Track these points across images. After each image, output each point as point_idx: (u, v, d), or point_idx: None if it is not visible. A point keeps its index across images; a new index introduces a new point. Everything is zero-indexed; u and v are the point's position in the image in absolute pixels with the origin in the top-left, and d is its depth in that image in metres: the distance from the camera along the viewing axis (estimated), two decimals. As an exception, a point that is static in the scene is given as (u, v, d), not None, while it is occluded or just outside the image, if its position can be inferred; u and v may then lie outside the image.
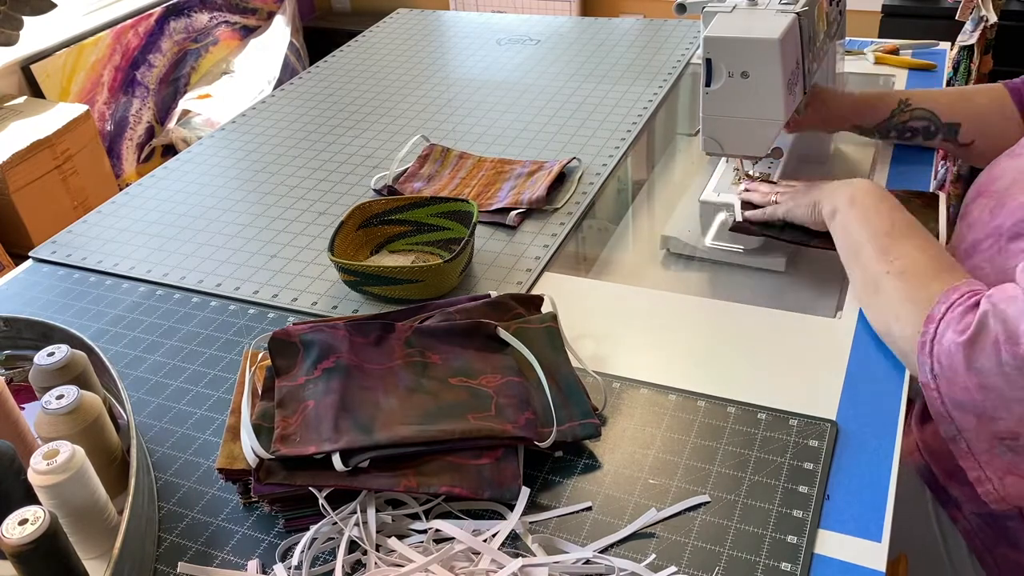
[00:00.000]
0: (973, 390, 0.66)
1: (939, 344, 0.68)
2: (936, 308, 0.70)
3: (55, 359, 0.70)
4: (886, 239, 0.80)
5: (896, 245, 0.79)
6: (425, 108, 1.37)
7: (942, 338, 0.68)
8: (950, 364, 0.67)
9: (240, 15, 3.39)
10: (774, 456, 0.69)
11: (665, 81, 1.39)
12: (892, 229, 0.81)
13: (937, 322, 0.69)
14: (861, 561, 0.60)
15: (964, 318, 0.68)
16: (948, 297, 0.70)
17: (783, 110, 0.89)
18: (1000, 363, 0.64)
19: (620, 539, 0.63)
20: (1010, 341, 0.64)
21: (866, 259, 0.80)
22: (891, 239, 0.80)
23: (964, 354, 0.66)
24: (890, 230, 0.81)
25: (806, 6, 0.93)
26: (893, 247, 0.79)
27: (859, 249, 0.82)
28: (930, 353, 0.69)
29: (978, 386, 0.66)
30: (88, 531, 0.63)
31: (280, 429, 0.67)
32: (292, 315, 0.92)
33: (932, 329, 0.70)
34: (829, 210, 0.88)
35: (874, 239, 0.81)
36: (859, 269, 0.82)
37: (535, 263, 0.96)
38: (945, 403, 0.68)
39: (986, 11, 1.94)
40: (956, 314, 0.68)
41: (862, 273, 0.81)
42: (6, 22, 0.88)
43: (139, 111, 2.97)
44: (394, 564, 0.61)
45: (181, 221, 1.11)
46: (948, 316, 0.69)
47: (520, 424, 0.68)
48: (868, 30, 2.69)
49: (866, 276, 0.80)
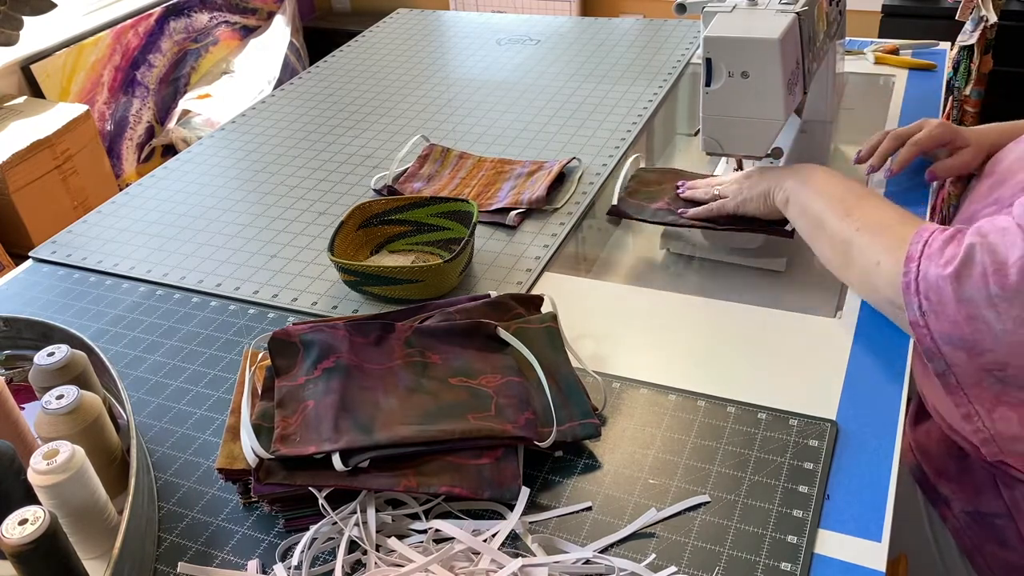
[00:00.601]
0: (962, 322, 0.66)
1: (924, 280, 0.69)
2: (912, 247, 0.71)
3: (55, 359, 0.70)
4: (845, 204, 0.81)
5: (857, 206, 0.80)
6: (425, 108, 1.37)
7: (926, 274, 0.69)
8: (938, 298, 0.67)
9: (240, 15, 3.39)
10: (774, 456, 0.69)
11: (665, 81, 1.39)
12: (848, 195, 0.82)
13: (918, 259, 0.70)
14: (861, 561, 0.60)
15: (945, 250, 0.68)
16: (921, 236, 0.71)
17: (783, 110, 0.89)
18: (989, 295, 0.65)
19: (620, 539, 0.63)
20: (998, 272, 0.64)
21: (831, 227, 0.81)
22: (850, 203, 0.81)
23: (952, 287, 0.66)
24: (846, 196, 0.82)
25: (806, 6, 0.93)
26: (854, 209, 0.80)
27: (821, 221, 0.83)
28: (916, 291, 0.69)
29: (967, 317, 0.66)
30: (88, 531, 0.63)
31: (280, 429, 0.67)
32: (292, 315, 0.92)
33: (914, 268, 0.70)
34: (782, 197, 0.89)
35: (833, 207, 0.82)
36: (826, 239, 0.83)
37: (535, 263, 0.96)
38: (935, 338, 0.69)
39: (986, 11, 1.94)
40: (935, 248, 0.69)
41: (830, 241, 0.82)
42: (6, 22, 0.88)
43: (139, 111, 2.97)
44: (394, 564, 0.61)
45: (181, 221, 1.11)
46: (927, 251, 0.70)
47: (520, 424, 0.68)
48: (868, 30, 2.69)
49: (835, 242, 0.81)
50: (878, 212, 0.79)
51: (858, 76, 1.37)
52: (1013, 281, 0.64)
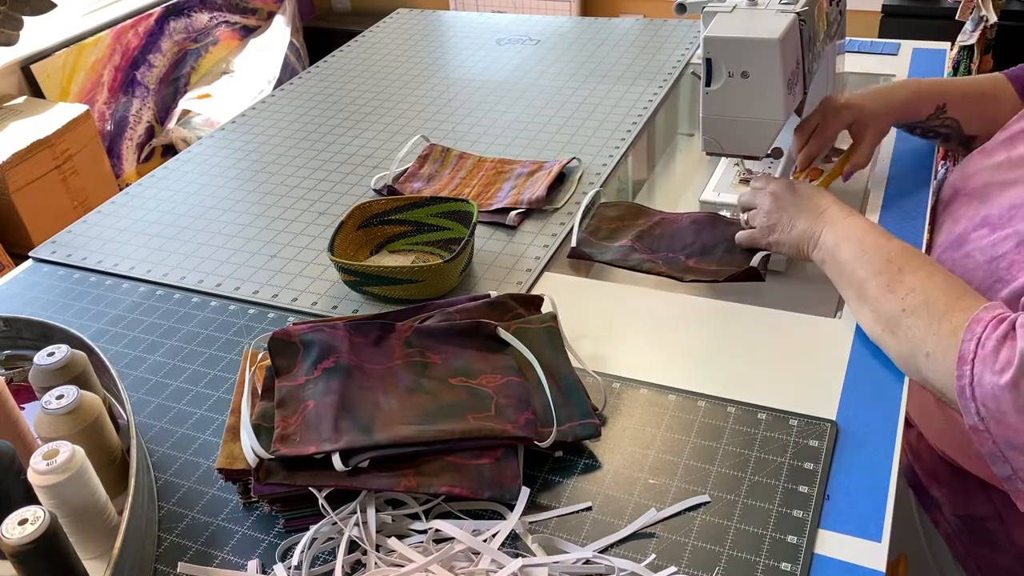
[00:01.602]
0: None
1: (980, 387, 0.65)
2: (965, 347, 0.67)
3: (55, 359, 0.70)
4: (888, 276, 0.76)
5: (902, 279, 0.75)
6: (425, 108, 1.37)
7: (981, 380, 0.65)
8: (997, 407, 0.64)
9: (240, 15, 3.39)
10: (774, 456, 0.69)
11: (665, 81, 1.39)
12: (890, 264, 0.77)
13: (971, 363, 0.66)
14: (861, 561, 0.60)
15: (999, 354, 0.65)
16: (973, 332, 0.67)
17: (783, 110, 0.89)
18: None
19: (620, 539, 0.63)
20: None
21: (873, 301, 0.77)
22: (893, 275, 0.76)
23: (1011, 396, 0.63)
24: (888, 266, 0.77)
25: (806, 6, 0.93)
26: (899, 282, 0.75)
27: (862, 289, 0.78)
28: (972, 397, 0.66)
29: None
30: (88, 531, 0.63)
31: (280, 429, 0.67)
32: (292, 315, 0.92)
33: (968, 371, 0.66)
34: (819, 257, 0.85)
35: (876, 275, 0.77)
36: (868, 310, 0.78)
37: (535, 263, 0.96)
38: (998, 444, 0.65)
39: (986, 11, 1.94)
40: (989, 350, 0.65)
41: (873, 314, 0.77)
42: (6, 22, 0.88)
43: (139, 111, 2.97)
44: (394, 564, 0.61)
45: (181, 221, 1.11)
46: (980, 354, 0.66)
47: (520, 424, 0.68)
48: (868, 30, 2.69)
49: (879, 316, 0.76)
50: (924, 287, 0.73)
51: (858, 76, 1.37)
52: None
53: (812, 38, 0.97)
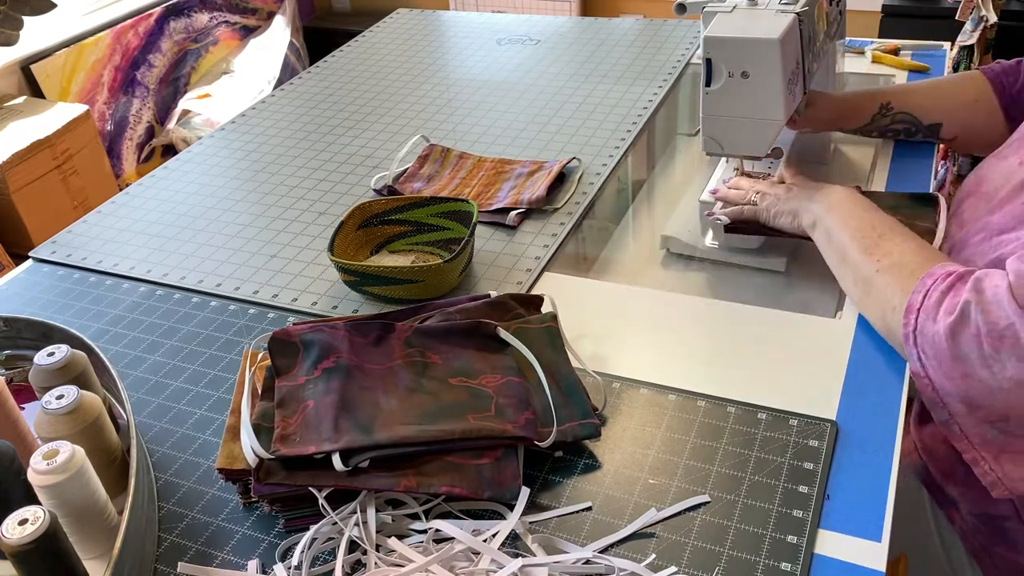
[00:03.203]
0: (958, 378, 0.67)
1: (922, 335, 0.70)
2: (914, 297, 0.71)
3: (55, 359, 0.70)
4: (869, 239, 0.81)
5: (880, 243, 0.80)
6: (425, 108, 1.37)
7: (923, 328, 0.70)
8: (935, 354, 0.68)
9: (240, 15, 3.39)
10: (774, 456, 0.69)
11: (665, 81, 1.39)
12: (873, 229, 0.82)
13: (916, 312, 0.71)
14: (861, 561, 0.60)
15: (942, 304, 0.69)
16: (924, 284, 0.71)
17: (783, 110, 0.89)
18: (983, 355, 0.65)
19: (620, 539, 0.63)
20: (991, 335, 0.65)
21: (853, 260, 0.81)
22: (874, 239, 0.81)
23: (947, 344, 0.67)
24: (871, 231, 0.82)
25: (806, 6, 0.93)
26: (878, 245, 0.80)
27: (844, 253, 0.83)
28: (915, 344, 0.70)
29: (963, 375, 0.67)
30: (88, 531, 0.63)
31: (280, 429, 0.67)
32: (292, 315, 0.92)
33: (912, 320, 0.71)
34: (809, 221, 0.89)
35: (858, 240, 0.82)
36: (848, 271, 0.83)
37: (535, 263, 0.96)
38: (936, 390, 0.70)
39: (986, 11, 1.94)
40: (932, 301, 0.70)
41: (852, 274, 0.82)
42: (6, 22, 0.88)
43: (139, 111, 2.97)
44: (394, 564, 0.61)
45: (181, 221, 1.11)
46: (925, 304, 0.70)
47: (520, 424, 0.68)
48: (868, 30, 2.69)
49: (856, 276, 0.81)
50: (900, 251, 0.78)
51: (858, 76, 1.37)
52: (1008, 344, 0.64)
53: (812, 38, 0.97)
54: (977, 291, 0.67)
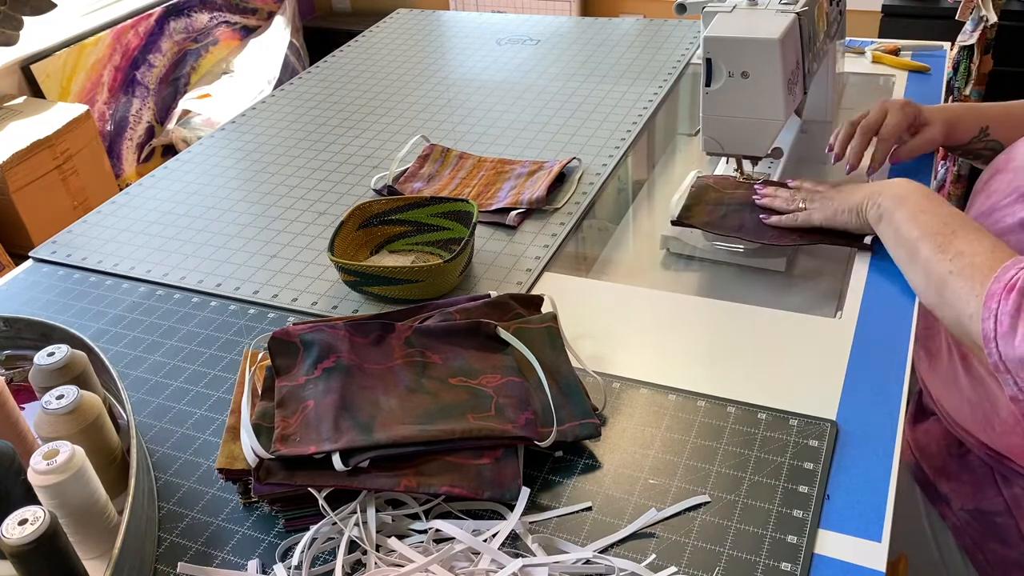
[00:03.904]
0: None
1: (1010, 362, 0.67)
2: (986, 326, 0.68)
3: (55, 359, 0.70)
4: (942, 236, 0.78)
5: (953, 242, 0.77)
6: (425, 108, 1.37)
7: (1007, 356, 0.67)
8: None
9: (240, 15, 3.39)
10: (774, 456, 0.69)
11: (665, 81, 1.39)
12: (946, 226, 0.79)
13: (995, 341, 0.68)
14: (861, 561, 0.60)
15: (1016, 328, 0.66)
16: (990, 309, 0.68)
17: (783, 110, 0.89)
18: None
19: (620, 539, 0.63)
20: None
21: (924, 260, 0.78)
22: (947, 235, 0.78)
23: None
24: (943, 227, 0.79)
25: (806, 6, 0.93)
26: (950, 244, 0.77)
27: (915, 250, 0.80)
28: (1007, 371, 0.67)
29: None
30: (88, 531, 0.63)
31: (280, 429, 0.67)
32: (292, 315, 0.92)
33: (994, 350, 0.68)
34: (875, 214, 0.86)
35: (930, 236, 0.79)
36: (920, 271, 0.80)
37: (535, 263, 0.96)
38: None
39: (986, 11, 1.94)
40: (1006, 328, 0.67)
41: (924, 274, 0.79)
42: (6, 22, 0.88)
43: (139, 111, 2.97)
44: (394, 564, 0.61)
45: (181, 221, 1.11)
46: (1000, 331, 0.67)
47: (520, 424, 0.68)
48: (868, 30, 2.69)
49: (928, 277, 0.78)
50: (972, 250, 0.75)
51: (858, 76, 1.37)
52: None
53: (812, 38, 0.98)
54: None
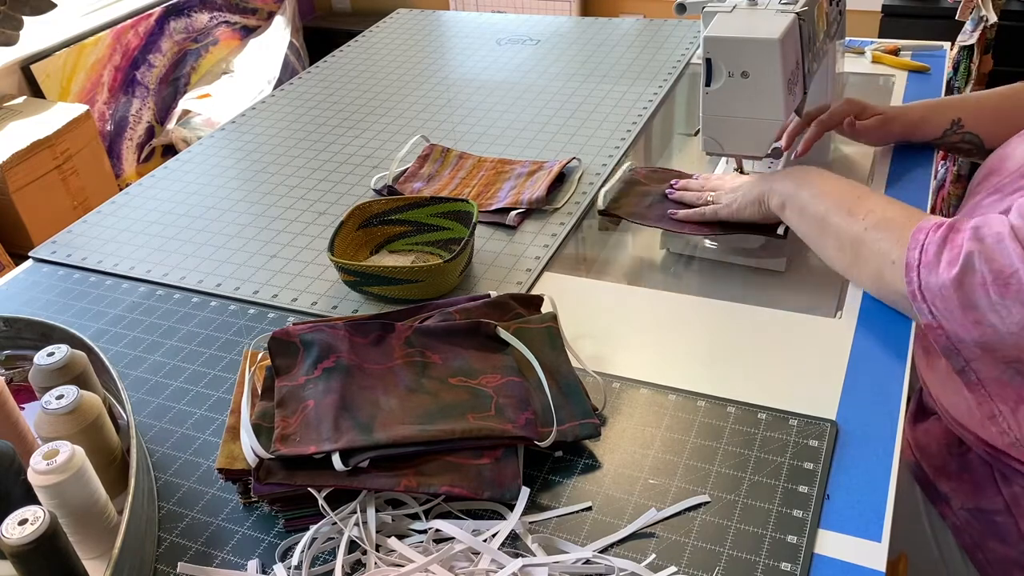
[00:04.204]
0: (971, 326, 0.69)
1: (928, 289, 0.71)
2: (910, 255, 0.73)
3: (55, 359, 0.70)
4: (849, 201, 0.82)
5: (861, 204, 0.81)
6: (425, 108, 1.37)
7: (928, 283, 0.71)
8: (945, 305, 0.70)
9: (240, 15, 3.39)
10: (774, 456, 0.69)
11: (665, 81, 1.39)
12: (847, 193, 0.83)
13: (916, 268, 0.72)
14: (861, 561, 0.60)
15: (941, 256, 0.70)
16: (916, 241, 0.73)
17: (783, 110, 0.89)
18: (991, 302, 0.67)
19: (620, 539, 0.63)
20: (997, 282, 0.67)
21: (836, 227, 0.82)
22: (852, 202, 0.81)
23: (956, 294, 0.69)
24: (849, 194, 0.83)
25: (806, 6, 0.93)
26: (858, 207, 0.81)
27: (824, 221, 0.83)
28: (923, 299, 0.72)
29: (975, 322, 0.69)
30: (88, 531, 0.63)
31: (280, 429, 0.67)
32: (292, 315, 0.92)
33: (915, 277, 0.72)
34: (777, 202, 0.89)
35: (837, 206, 0.82)
36: (832, 239, 0.83)
37: (535, 263, 0.96)
38: (950, 339, 0.72)
39: (986, 11, 1.94)
40: (931, 255, 0.71)
41: (836, 240, 0.82)
42: (6, 22, 0.88)
43: (139, 111, 2.97)
44: (394, 564, 0.61)
45: (181, 221, 1.11)
46: (924, 260, 0.72)
47: (520, 424, 0.68)
48: (868, 30, 2.69)
49: (842, 242, 0.81)
50: (882, 208, 0.79)
51: (858, 76, 1.37)
52: (1013, 290, 0.66)
53: (812, 38, 0.97)
54: (978, 239, 0.68)
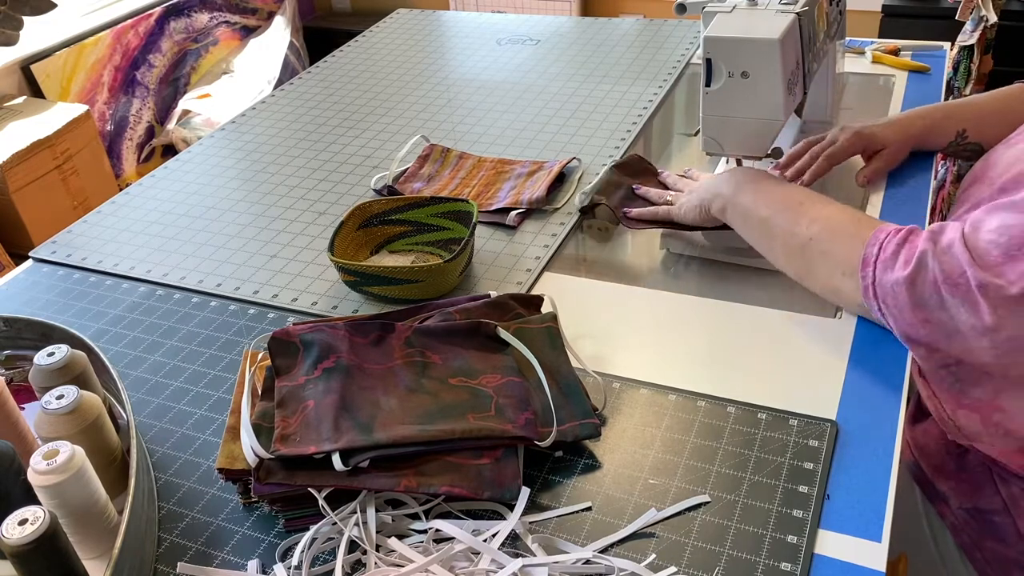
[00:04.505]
0: (919, 324, 0.70)
1: (881, 286, 0.72)
2: (868, 251, 0.74)
3: (55, 359, 0.70)
4: (791, 210, 0.82)
5: (803, 211, 0.81)
6: (425, 108, 1.37)
7: (881, 280, 0.72)
8: (895, 303, 0.71)
9: (240, 15, 3.39)
10: (774, 456, 0.69)
11: (665, 81, 1.39)
12: (789, 199, 0.83)
13: (873, 264, 0.73)
14: (861, 561, 0.60)
15: (898, 255, 0.71)
16: (876, 239, 0.74)
17: (783, 110, 0.89)
18: (942, 300, 0.68)
19: (620, 539, 0.63)
20: (947, 282, 0.68)
21: (781, 236, 0.82)
22: (795, 208, 0.82)
23: (907, 292, 0.70)
24: (788, 200, 0.83)
25: (806, 6, 0.93)
26: (802, 214, 0.81)
27: (768, 229, 0.83)
28: (875, 296, 0.73)
29: (923, 320, 0.70)
30: (88, 531, 0.63)
31: (280, 429, 0.67)
32: (292, 315, 0.92)
33: (870, 272, 0.73)
34: (719, 206, 0.89)
35: (779, 213, 0.82)
36: (779, 247, 0.83)
37: (535, 263, 0.96)
38: (899, 337, 0.73)
39: (986, 11, 1.94)
40: (889, 254, 0.72)
41: (784, 249, 0.82)
42: (6, 22, 0.88)
43: (139, 111, 2.97)
44: (394, 564, 0.61)
45: (181, 221, 1.11)
46: (881, 256, 0.72)
47: (520, 424, 0.68)
48: (868, 30, 2.69)
49: (789, 251, 0.82)
50: (826, 214, 0.80)
51: (858, 76, 1.37)
52: (962, 290, 0.68)
53: (812, 38, 0.98)
54: (933, 241, 0.70)
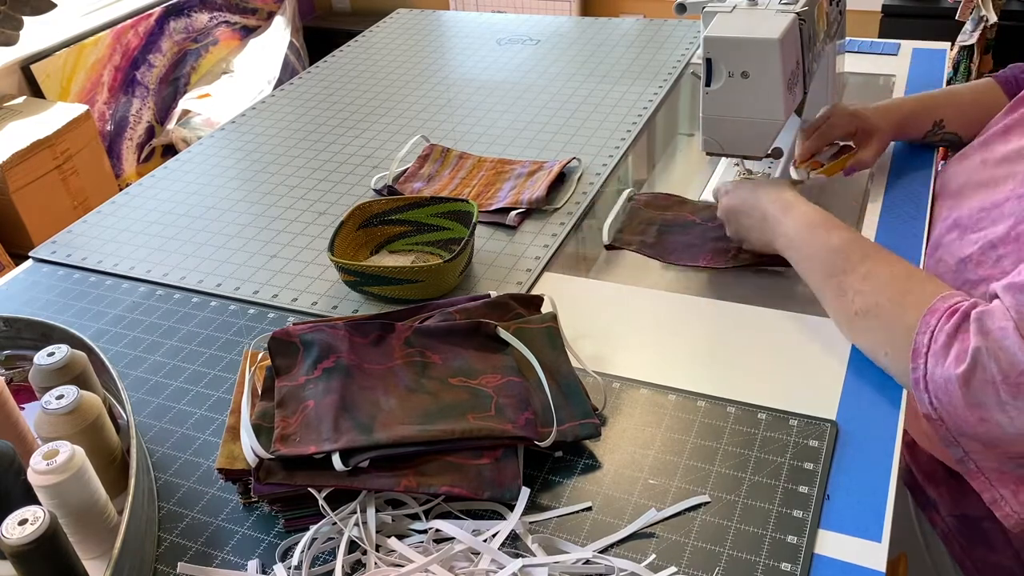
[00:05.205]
0: (975, 423, 0.65)
1: (932, 381, 0.67)
2: (919, 339, 0.69)
3: (55, 359, 0.70)
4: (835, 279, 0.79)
5: (846, 280, 0.77)
6: (425, 108, 1.37)
7: (933, 375, 0.67)
8: (948, 400, 0.66)
9: (240, 15, 3.39)
10: (774, 456, 0.69)
11: (665, 81, 1.39)
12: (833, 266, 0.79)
13: (924, 357, 0.68)
14: (861, 561, 0.60)
15: (950, 348, 0.67)
16: (928, 324, 0.69)
17: (783, 110, 0.89)
18: (1000, 400, 0.63)
19: (620, 539, 0.63)
20: (1006, 381, 0.63)
21: (829, 304, 0.80)
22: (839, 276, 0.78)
23: (961, 391, 0.65)
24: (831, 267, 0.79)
25: (806, 6, 0.93)
26: (846, 285, 0.77)
27: (820, 294, 0.82)
28: (926, 389, 0.68)
29: (980, 420, 0.65)
30: (88, 531, 0.63)
31: (280, 429, 0.67)
32: (292, 315, 0.92)
33: (921, 365, 0.68)
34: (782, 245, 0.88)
35: (825, 282, 0.80)
36: (830, 311, 0.81)
37: (535, 263, 0.96)
38: (951, 431, 0.68)
39: (986, 11, 1.94)
40: (941, 344, 0.67)
41: (833, 315, 0.81)
42: (6, 22, 0.88)
43: (139, 111, 2.97)
44: (394, 564, 0.61)
45: (181, 221, 1.11)
46: (933, 348, 0.68)
47: (520, 424, 0.68)
48: (868, 30, 2.69)
49: (838, 319, 0.80)
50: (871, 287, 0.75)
51: (858, 76, 1.37)
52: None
53: (812, 38, 0.97)
54: (983, 334, 0.64)
